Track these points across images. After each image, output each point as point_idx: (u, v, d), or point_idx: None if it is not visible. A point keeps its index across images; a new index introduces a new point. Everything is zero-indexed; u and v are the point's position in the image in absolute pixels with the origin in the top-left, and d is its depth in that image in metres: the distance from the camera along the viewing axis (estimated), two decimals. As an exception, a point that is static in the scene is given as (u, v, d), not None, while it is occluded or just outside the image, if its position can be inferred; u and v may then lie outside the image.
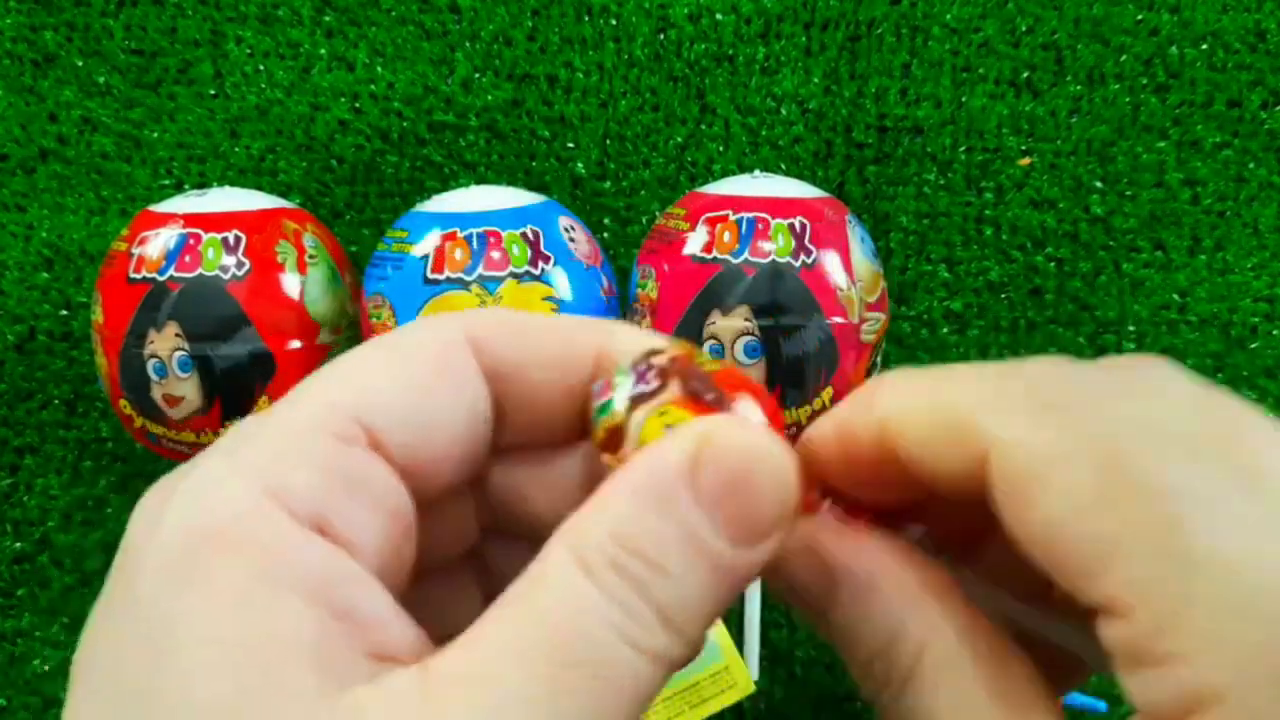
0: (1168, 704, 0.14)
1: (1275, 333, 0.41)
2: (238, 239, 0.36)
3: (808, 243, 0.35)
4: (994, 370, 0.18)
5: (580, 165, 0.43)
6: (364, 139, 0.43)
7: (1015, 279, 0.42)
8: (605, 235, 0.43)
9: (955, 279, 0.42)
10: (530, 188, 0.39)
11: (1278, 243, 0.41)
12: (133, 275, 0.35)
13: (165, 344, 0.35)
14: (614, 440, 0.16)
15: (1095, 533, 0.15)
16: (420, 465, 0.16)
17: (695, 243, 0.35)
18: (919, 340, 0.42)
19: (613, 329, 0.18)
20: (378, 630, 0.14)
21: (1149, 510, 0.15)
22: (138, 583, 0.14)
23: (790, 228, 0.35)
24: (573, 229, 0.37)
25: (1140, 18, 0.42)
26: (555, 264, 0.35)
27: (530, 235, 0.35)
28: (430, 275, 0.35)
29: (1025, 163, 0.42)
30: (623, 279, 0.40)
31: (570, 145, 0.43)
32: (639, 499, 0.15)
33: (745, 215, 0.35)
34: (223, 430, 0.35)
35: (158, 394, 0.35)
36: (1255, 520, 0.14)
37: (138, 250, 0.35)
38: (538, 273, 0.35)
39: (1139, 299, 0.41)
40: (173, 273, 0.35)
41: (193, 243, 0.35)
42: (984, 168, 0.42)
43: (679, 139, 0.43)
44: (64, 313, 0.43)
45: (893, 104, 0.42)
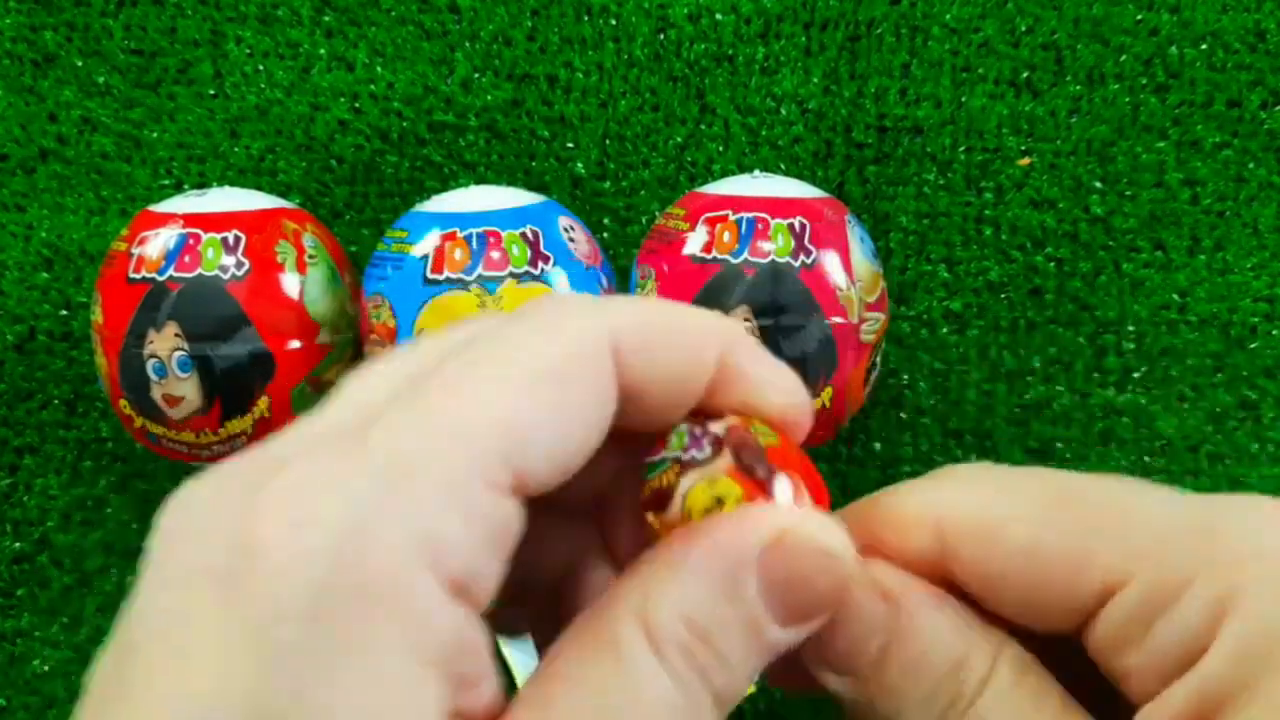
0: (1201, 621, 0.15)
1: (1275, 333, 0.41)
2: (237, 239, 0.36)
3: (807, 243, 0.35)
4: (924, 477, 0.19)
5: (580, 165, 0.43)
6: (364, 139, 0.43)
7: (1015, 279, 0.42)
8: (605, 235, 0.43)
9: (955, 279, 0.42)
10: (530, 188, 0.39)
11: (1278, 243, 0.41)
12: (132, 275, 0.35)
13: (165, 344, 0.35)
14: (659, 500, 0.17)
15: (1063, 537, 0.16)
16: (548, 493, 0.16)
17: (695, 243, 0.35)
18: (919, 340, 0.42)
19: (735, 345, 0.17)
20: (476, 696, 0.14)
21: (1103, 496, 0.16)
22: (277, 618, 0.13)
23: (790, 228, 0.35)
24: (572, 229, 0.37)
25: (1140, 18, 0.42)
26: (555, 264, 0.35)
27: (530, 235, 0.35)
28: (430, 275, 0.35)
29: (1025, 163, 0.42)
30: (623, 279, 0.40)
31: (570, 145, 0.43)
32: (711, 583, 0.15)
33: (745, 215, 0.35)
34: (222, 430, 0.35)
35: (157, 394, 0.35)
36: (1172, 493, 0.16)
37: (137, 250, 0.36)
38: (537, 273, 0.35)
39: (1139, 299, 0.41)
40: (172, 273, 0.35)
41: (192, 243, 0.35)
42: (984, 168, 0.42)
43: (679, 139, 0.43)
44: (64, 313, 0.43)
45: (893, 104, 0.42)
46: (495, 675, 0.15)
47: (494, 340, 0.15)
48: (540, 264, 0.35)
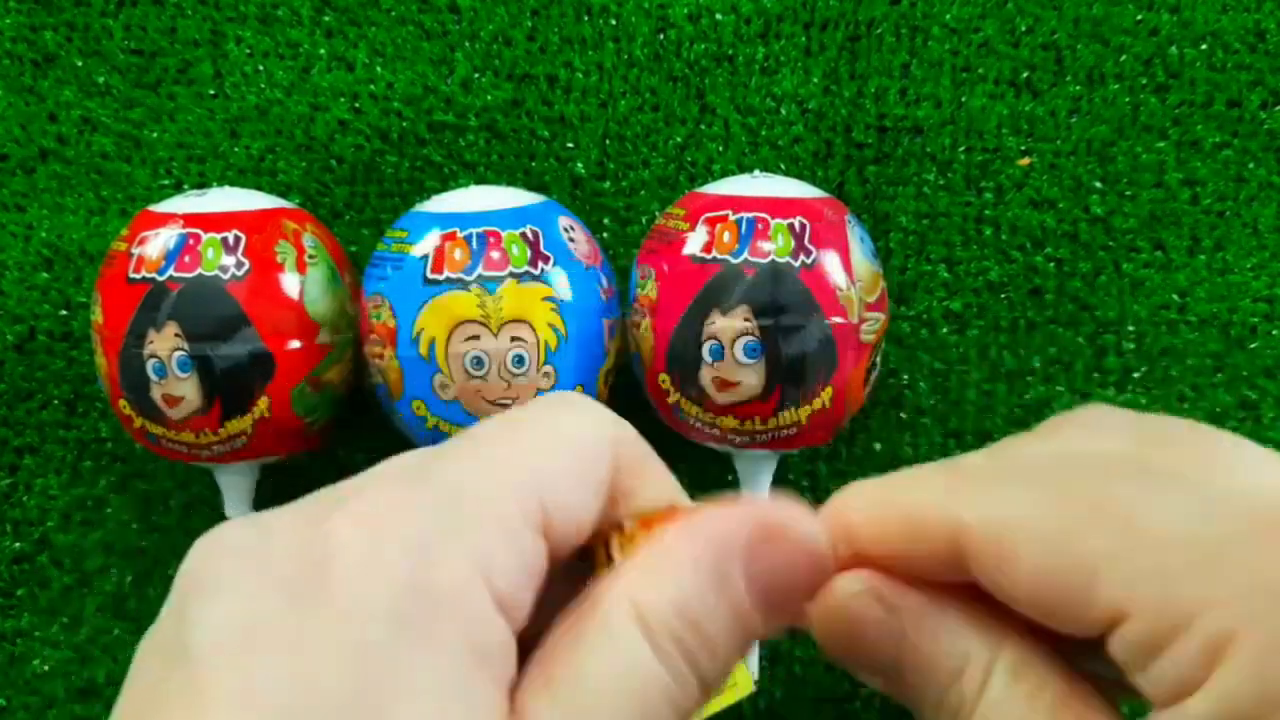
0: (1191, 667, 0.15)
1: (1275, 333, 0.41)
2: (237, 239, 0.36)
3: (807, 243, 0.35)
4: (941, 467, 0.20)
5: (580, 165, 0.43)
6: (364, 139, 0.43)
7: (1015, 279, 0.42)
8: (605, 235, 0.43)
9: (955, 279, 0.42)
10: (530, 188, 0.39)
11: (1278, 243, 0.41)
12: (132, 275, 0.35)
13: (165, 344, 0.35)
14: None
15: (1072, 564, 0.16)
16: (561, 547, 0.17)
17: (695, 243, 0.35)
18: (919, 340, 0.42)
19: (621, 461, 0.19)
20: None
21: (1111, 521, 0.16)
22: (361, 618, 0.14)
23: (790, 228, 0.35)
24: (572, 229, 0.37)
25: (1140, 18, 0.42)
26: (555, 264, 0.35)
27: (530, 235, 0.35)
28: (430, 275, 0.35)
29: (1025, 163, 0.42)
30: (622, 279, 0.40)
31: (570, 145, 0.43)
32: (701, 573, 0.16)
33: (745, 215, 0.35)
34: (222, 430, 0.35)
35: (157, 394, 0.35)
36: (1188, 499, 0.16)
37: (137, 250, 0.36)
38: (537, 273, 0.35)
39: (1139, 299, 0.41)
40: (172, 273, 0.35)
41: (192, 243, 0.35)
42: (984, 168, 0.42)
43: (679, 139, 0.43)
44: (64, 313, 0.43)
45: (892, 104, 0.42)
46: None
47: (535, 414, 0.18)
48: (540, 264, 0.35)
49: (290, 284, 0.36)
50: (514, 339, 0.35)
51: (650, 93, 0.43)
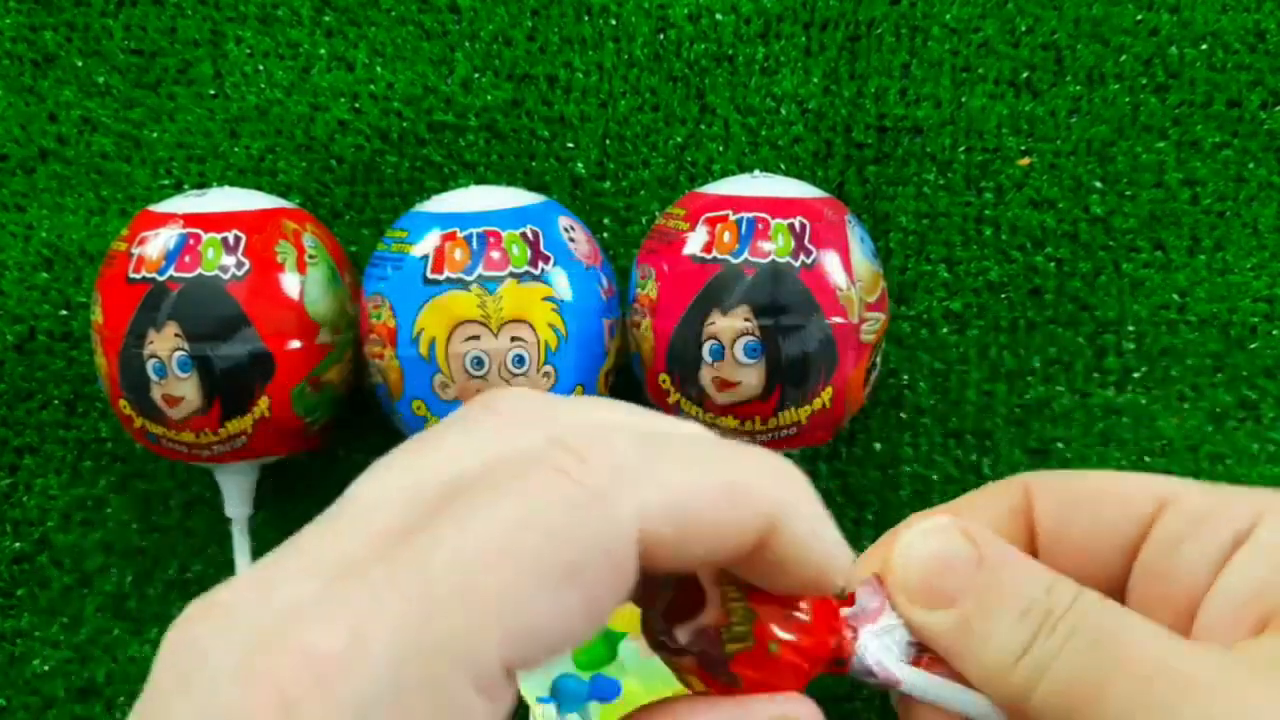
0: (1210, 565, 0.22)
1: (1275, 333, 0.41)
2: (237, 239, 0.36)
3: (807, 243, 0.35)
4: None
5: (580, 165, 0.43)
6: (364, 139, 0.43)
7: (1015, 279, 0.42)
8: (605, 235, 0.43)
9: (955, 279, 0.42)
10: (530, 188, 0.39)
11: (1278, 243, 0.41)
12: (132, 275, 0.35)
13: (165, 344, 0.35)
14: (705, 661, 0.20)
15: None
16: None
17: (695, 243, 0.35)
18: (919, 340, 0.42)
19: (785, 521, 0.17)
20: None
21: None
22: (352, 705, 0.14)
23: (790, 228, 0.35)
24: (572, 229, 0.37)
25: (1140, 18, 0.42)
26: (555, 264, 0.35)
27: (530, 235, 0.35)
28: (430, 275, 0.35)
29: (1025, 163, 0.42)
30: (623, 279, 0.40)
31: (570, 145, 0.43)
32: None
33: (745, 215, 0.35)
34: (222, 430, 0.35)
35: (157, 394, 0.35)
36: None
37: (137, 250, 0.36)
38: (537, 273, 0.35)
39: (1139, 299, 0.41)
40: (172, 273, 0.35)
41: (192, 243, 0.35)
42: (984, 168, 0.42)
43: (679, 139, 0.43)
44: (64, 313, 0.43)
45: (892, 104, 0.42)
46: None
47: (513, 507, 0.15)
48: (540, 264, 0.35)
49: (290, 284, 0.36)
50: (514, 339, 0.35)
51: (650, 93, 0.43)
